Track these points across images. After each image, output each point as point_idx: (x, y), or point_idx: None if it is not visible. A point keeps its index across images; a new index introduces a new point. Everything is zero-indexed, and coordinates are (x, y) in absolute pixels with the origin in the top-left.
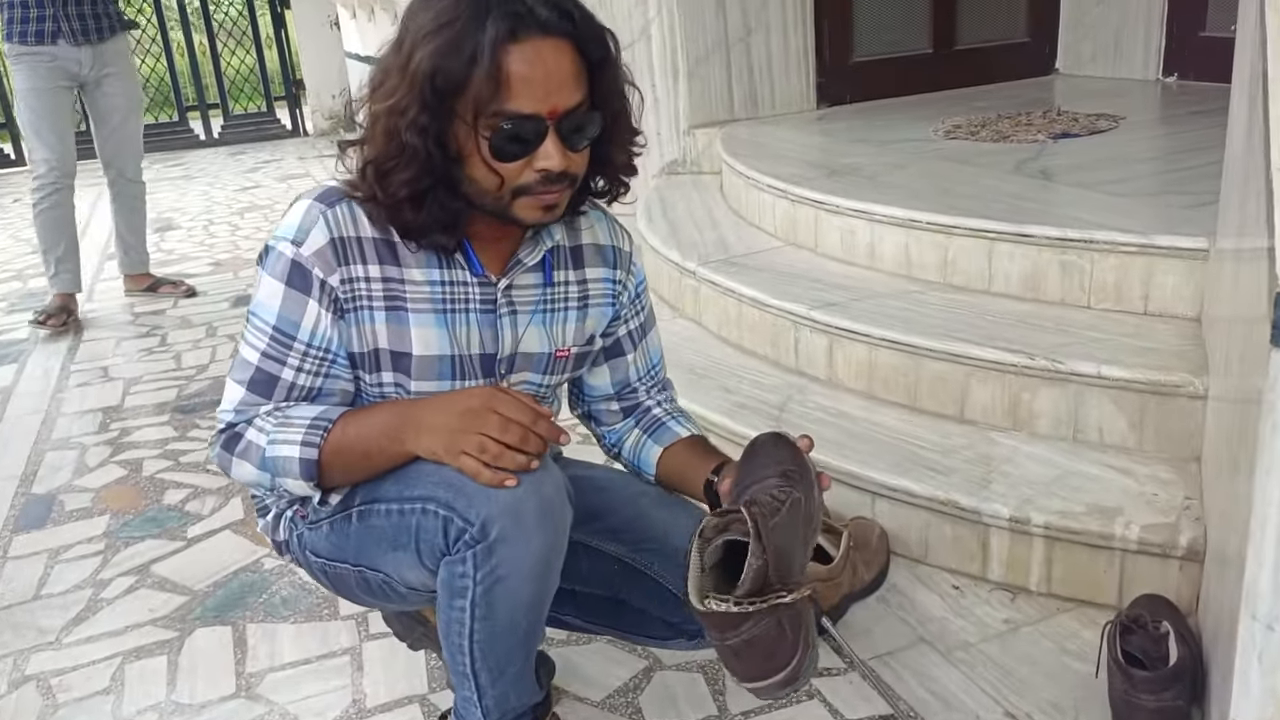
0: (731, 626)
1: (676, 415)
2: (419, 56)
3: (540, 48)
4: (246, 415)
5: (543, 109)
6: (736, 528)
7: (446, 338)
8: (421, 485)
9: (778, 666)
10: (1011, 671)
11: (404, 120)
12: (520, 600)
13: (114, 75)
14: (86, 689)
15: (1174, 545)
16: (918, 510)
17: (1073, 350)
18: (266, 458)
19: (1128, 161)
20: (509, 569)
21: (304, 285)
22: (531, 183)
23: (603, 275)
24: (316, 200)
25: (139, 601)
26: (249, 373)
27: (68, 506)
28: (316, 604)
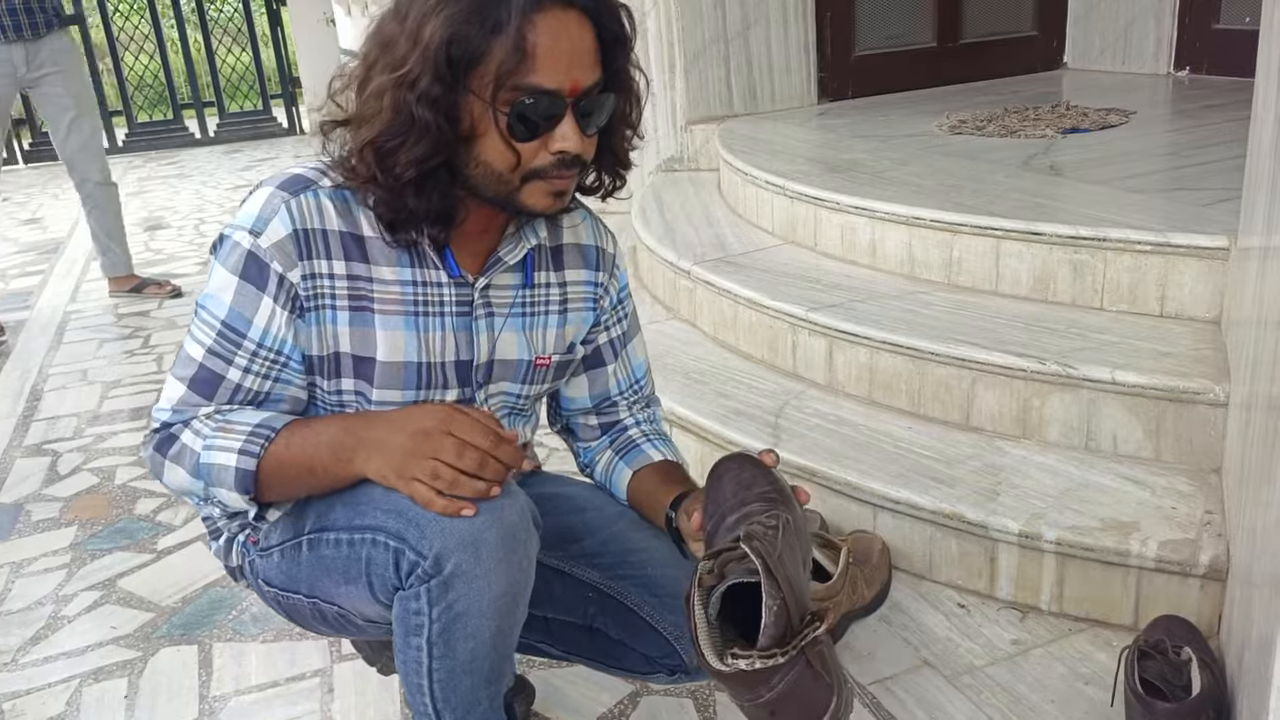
0: (763, 683)
1: (653, 437)
2: (433, 23)
3: (565, 20)
4: (184, 415)
5: (564, 85)
6: (734, 568)
7: (415, 343)
8: (371, 514)
9: (818, 712)
10: (1021, 698)
11: (414, 92)
12: (482, 638)
13: (55, 74)
14: (40, 714)
15: (1194, 563)
16: (921, 524)
17: (1085, 354)
18: (201, 464)
19: (1140, 157)
20: (467, 605)
21: (260, 279)
22: (546, 165)
23: (584, 278)
24: (279, 188)
25: (102, 619)
26: (192, 369)
27: (34, 517)
28: (285, 623)
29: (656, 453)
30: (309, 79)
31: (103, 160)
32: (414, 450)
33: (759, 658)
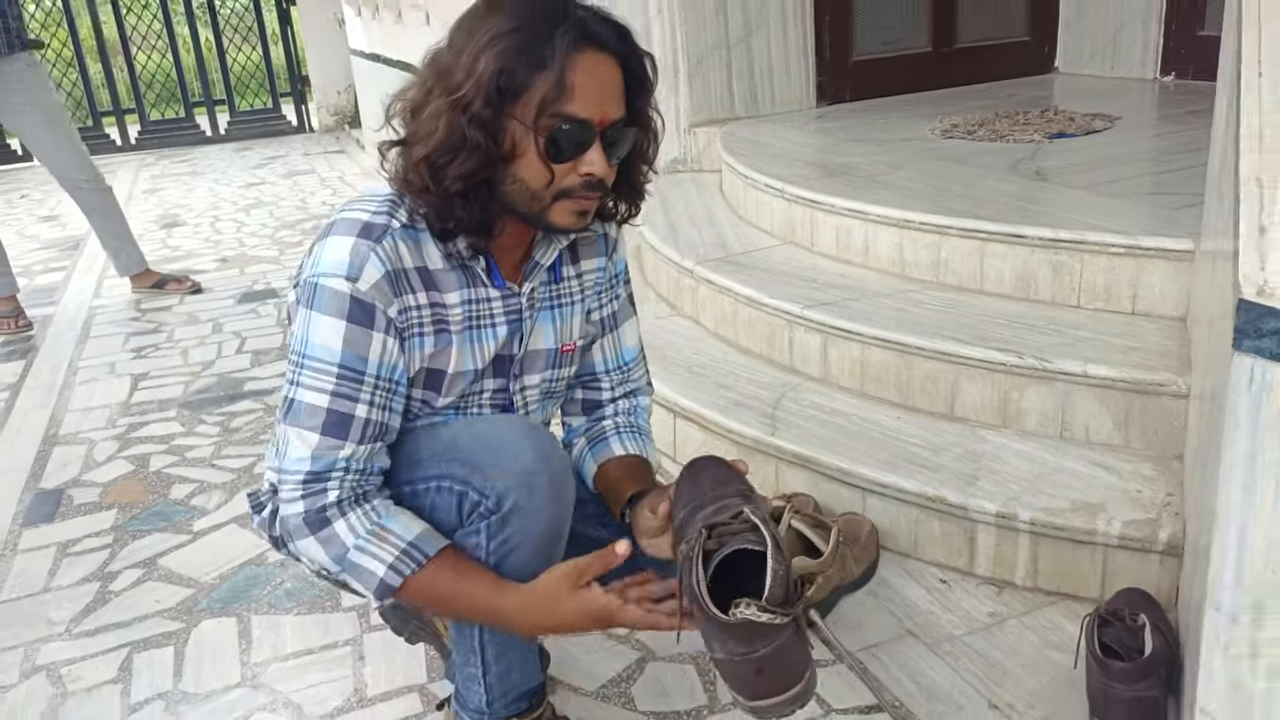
0: (761, 638)
1: (623, 430)
2: (486, 57)
3: (599, 61)
4: (328, 462)
5: (595, 116)
6: (732, 540)
7: (471, 353)
8: (434, 465)
9: (794, 679)
10: (995, 663)
11: (466, 115)
12: (527, 572)
13: (19, 91)
14: (95, 678)
15: (1154, 540)
16: (907, 506)
17: (1061, 349)
18: (348, 559)
19: (1121, 162)
20: (520, 539)
21: (367, 319)
22: (574, 186)
23: (598, 265)
24: (360, 237)
25: (146, 594)
26: (320, 418)
27: (76, 501)
28: (319, 596)
29: (620, 446)
30: (318, 78)
31: (88, 163)
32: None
33: (764, 610)
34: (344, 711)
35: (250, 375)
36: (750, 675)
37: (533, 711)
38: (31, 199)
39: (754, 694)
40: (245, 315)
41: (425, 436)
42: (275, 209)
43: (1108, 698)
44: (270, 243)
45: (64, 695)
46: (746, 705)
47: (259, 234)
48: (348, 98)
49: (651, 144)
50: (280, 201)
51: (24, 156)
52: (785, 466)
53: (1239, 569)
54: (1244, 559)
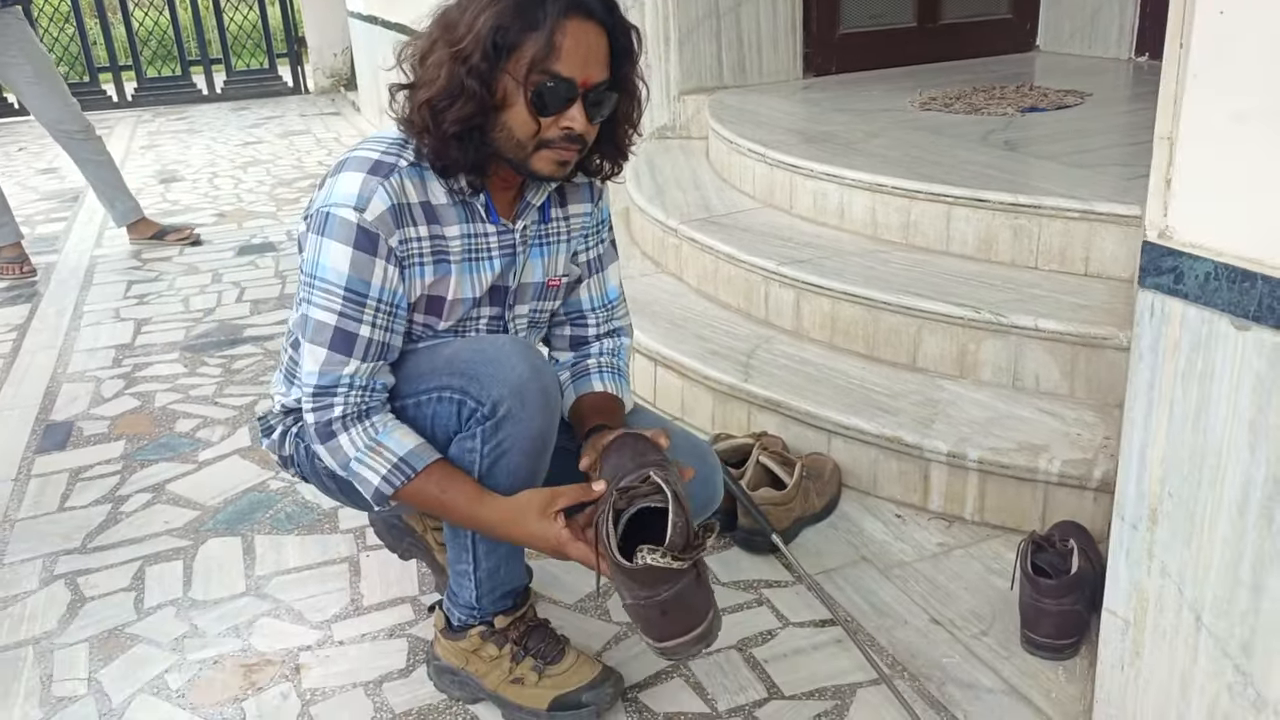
0: (663, 582)
1: (605, 370)
2: (485, 15)
3: (586, 28)
4: (333, 377)
5: (579, 76)
6: (642, 500)
7: (469, 282)
8: (434, 378)
9: (698, 620)
10: (940, 586)
11: (465, 66)
12: (519, 475)
13: (12, 44)
14: (110, 586)
15: (1090, 478)
16: (868, 447)
17: (1016, 305)
18: (350, 468)
19: (1087, 135)
20: (511, 444)
21: (371, 247)
22: (555, 138)
23: (585, 210)
24: (370, 173)
25: (155, 515)
26: (328, 334)
27: (85, 432)
28: (318, 520)
29: (600, 384)
30: (315, 39)
31: (78, 114)
32: None
33: (667, 555)
34: (342, 618)
35: (250, 322)
36: (656, 617)
37: (517, 610)
38: (30, 151)
39: (660, 635)
40: (244, 266)
41: (428, 354)
42: (272, 167)
43: (1037, 611)
44: (267, 199)
45: (81, 600)
46: (656, 647)
47: (256, 190)
48: (344, 60)
49: (635, 108)
50: (277, 160)
51: (20, 110)
52: (757, 411)
53: (1139, 482)
54: (1143, 474)
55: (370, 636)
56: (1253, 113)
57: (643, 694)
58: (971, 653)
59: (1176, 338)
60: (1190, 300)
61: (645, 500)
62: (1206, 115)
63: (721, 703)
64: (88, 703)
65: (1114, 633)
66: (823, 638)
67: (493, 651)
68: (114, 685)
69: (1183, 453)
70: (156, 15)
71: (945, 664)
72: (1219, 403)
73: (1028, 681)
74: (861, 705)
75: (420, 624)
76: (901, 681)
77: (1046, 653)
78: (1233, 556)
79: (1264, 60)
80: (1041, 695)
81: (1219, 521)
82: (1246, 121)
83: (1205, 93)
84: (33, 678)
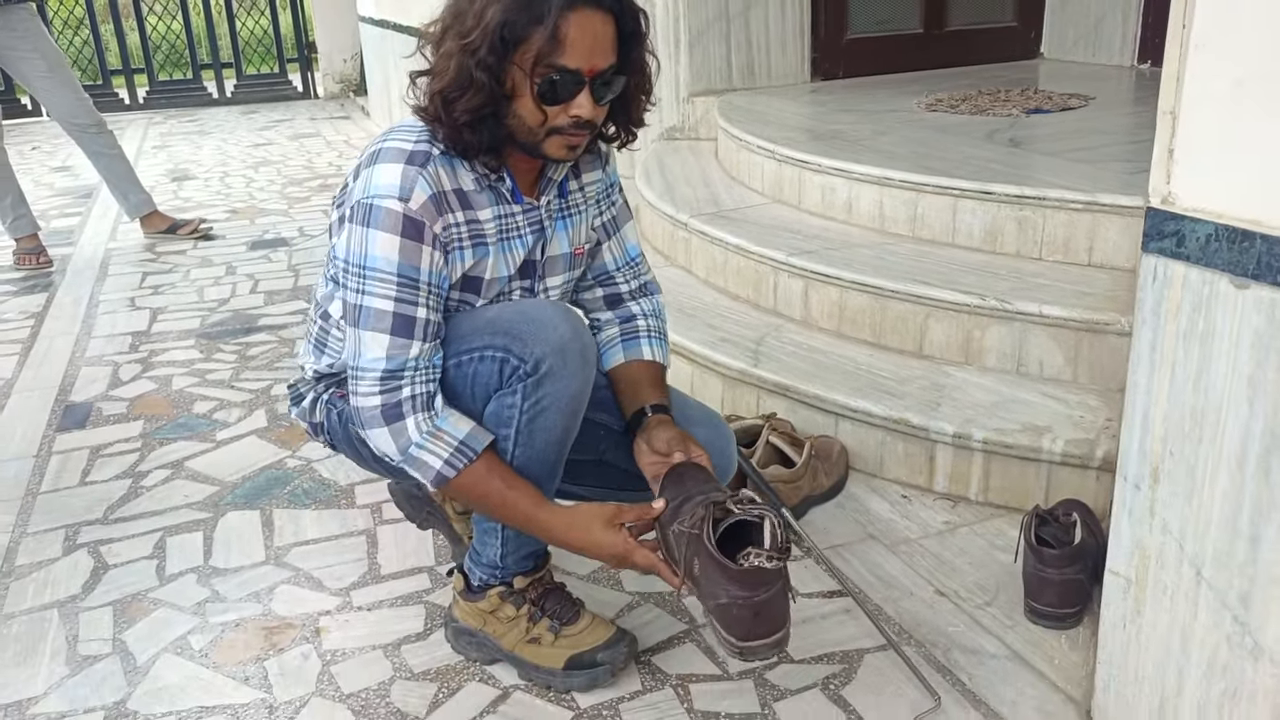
0: (763, 583)
1: (653, 334)
2: (493, 9)
3: (591, 18)
4: (400, 361)
5: (584, 66)
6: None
7: (504, 261)
8: (476, 338)
9: (781, 624)
10: (945, 561)
11: (474, 59)
12: (555, 433)
13: (25, 39)
14: (132, 554)
15: (1092, 457)
16: (875, 429)
17: (1021, 293)
18: (410, 454)
19: (1091, 134)
20: (551, 401)
21: (417, 235)
22: (564, 125)
23: (598, 177)
24: (408, 164)
25: (175, 489)
26: (388, 320)
27: (105, 413)
28: (335, 495)
29: (648, 352)
30: (325, 44)
31: (90, 108)
32: None
33: (771, 557)
34: (360, 586)
35: (264, 312)
36: (749, 618)
37: (537, 571)
38: (43, 150)
39: (746, 634)
40: (257, 260)
41: (468, 318)
42: (282, 167)
43: (1040, 581)
44: (279, 197)
45: (104, 568)
46: (737, 646)
47: (267, 189)
48: (353, 65)
49: (646, 82)
50: (287, 161)
51: (34, 111)
52: (766, 395)
53: (1142, 443)
54: (1146, 434)
55: (388, 603)
56: (1251, 78)
57: (655, 657)
58: (976, 622)
59: (1178, 300)
60: (1192, 262)
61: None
62: (1208, 84)
63: (732, 666)
64: (113, 661)
65: (1116, 592)
66: (830, 607)
67: (510, 612)
68: (138, 645)
69: (1184, 411)
70: (170, 20)
71: (950, 632)
72: (1219, 360)
73: (1031, 649)
74: (869, 669)
75: (437, 591)
76: (908, 648)
77: (1050, 621)
78: (1232, 510)
79: (1260, 29)
80: (1045, 661)
81: (1219, 476)
82: (1245, 87)
83: (1206, 62)
84: (58, 638)
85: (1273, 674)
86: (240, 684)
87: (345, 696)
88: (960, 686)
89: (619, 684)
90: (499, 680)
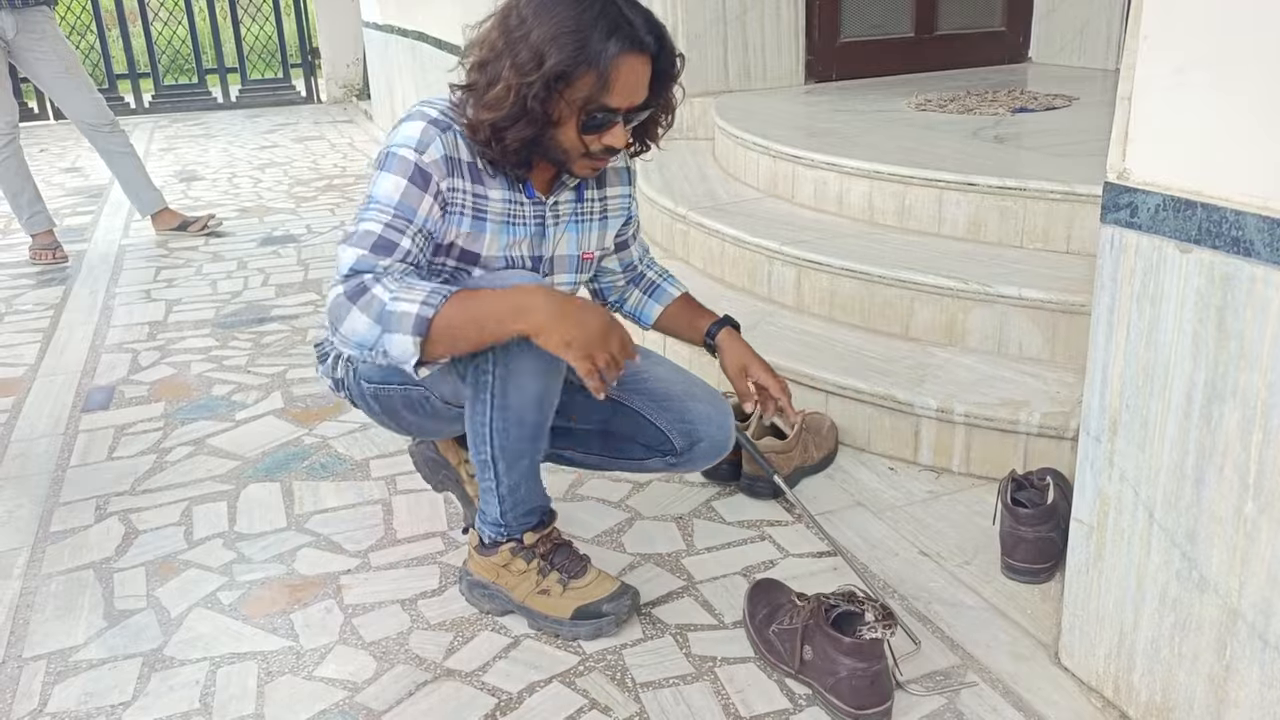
0: (877, 655)
1: (665, 277)
2: (552, 52)
3: (636, 63)
4: (368, 265)
5: (624, 105)
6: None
7: (503, 242)
8: None
9: (890, 692)
10: (928, 525)
11: (530, 92)
12: (528, 394)
13: (38, 39)
14: (161, 521)
15: (1066, 429)
16: (863, 405)
17: (1002, 277)
18: (386, 310)
19: (1072, 132)
20: (520, 364)
21: (423, 184)
22: (596, 151)
23: (621, 192)
24: (431, 124)
25: (198, 464)
26: (372, 239)
27: (127, 395)
28: (351, 469)
29: (674, 289)
30: (328, 50)
31: (104, 108)
32: (597, 341)
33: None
34: (377, 549)
35: (276, 303)
36: (865, 688)
37: (544, 528)
38: (51, 152)
39: (863, 705)
40: (268, 255)
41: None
42: (289, 168)
43: (1016, 539)
44: (286, 197)
45: (135, 533)
46: (854, 715)
47: (275, 189)
48: (356, 71)
49: (669, 113)
50: (293, 162)
51: (40, 114)
52: None
53: (1102, 398)
54: (1105, 390)
55: (404, 564)
56: (1190, 65)
57: (656, 609)
58: (956, 579)
59: (1132, 265)
60: (1143, 230)
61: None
62: (1155, 71)
63: (728, 617)
64: (148, 614)
65: (1080, 539)
66: (819, 566)
67: (521, 566)
68: (171, 600)
69: (1137, 367)
70: (175, 26)
71: (931, 587)
72: (1167, 319)
73: (1006, 601)
74: None
75: (450, 553)
76: (892, 601)
77: (1024, 576)
78: (1179, 456)
79: (1195, 21)
80: (1019, 612)
81: (1167, 425)
82: (1185, 74)
83: (1154, 52)
84: (95, 594)
85: (1216, 604)
86: (269, 634)
87: (367, 644)
88: (940, 634)
89: (622, 633)
90: (510, 629)
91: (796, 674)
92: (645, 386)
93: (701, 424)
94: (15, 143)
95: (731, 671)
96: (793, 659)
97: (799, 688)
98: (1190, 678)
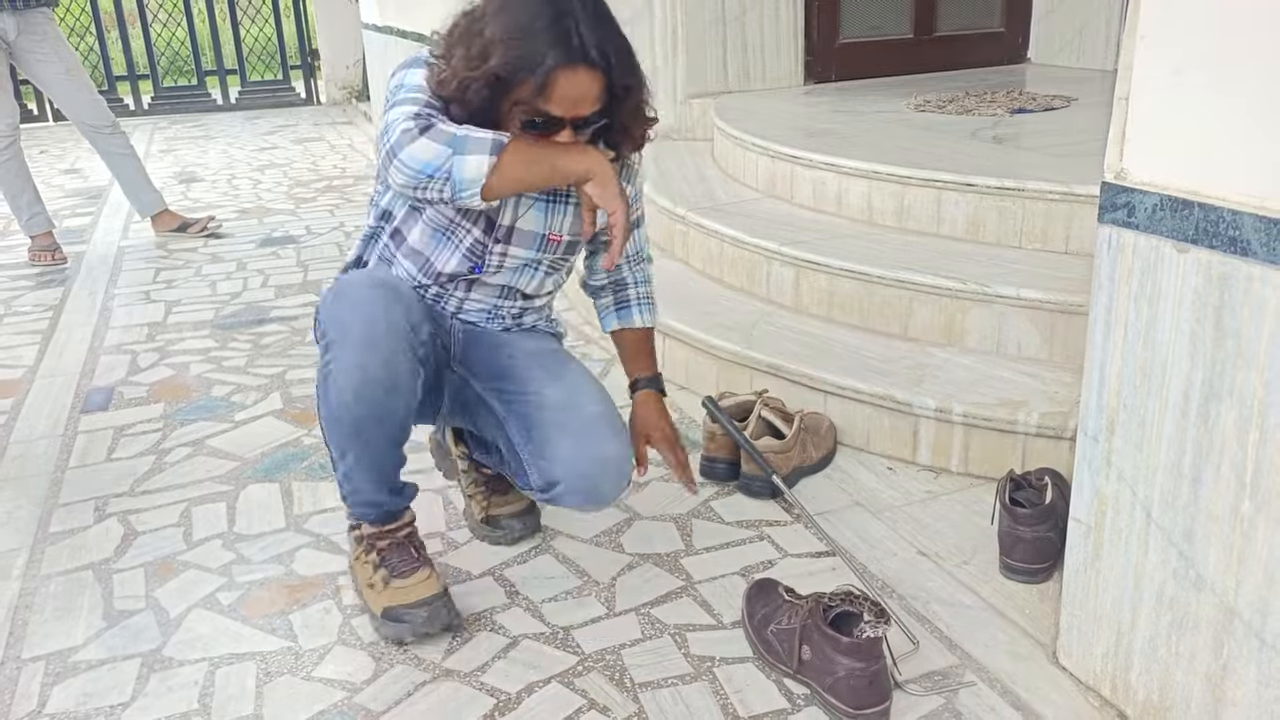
0: (875, 654)
1: (643, 301)
2: (497, 51)
3: (579, 75)
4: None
5: (566, 113)
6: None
7: None
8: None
9: (888, 692)
10: (927, 525)
11: (473, 85)
12: (344, 396)
13: (39, 40)
14: (160, 522)
15: (1065, 428)
16: (862, 405)
17: (1001, 278)
18: (458, 136)
19: (1071, 132)
20: (335, 367)
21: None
22: None
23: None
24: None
25: (198, 465)
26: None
27: (126, 396)
28: None
29: (641, 320)
30: (328, 51)
31: (105, 110)
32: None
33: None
34: None
35: (276, 304)
36: (864, 688)
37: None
38: (50, 154)
39: (861, 704)
40: (267, 256)
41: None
42: (288, 170)
43: (1014, 539)
44: (286, 198)
45: (134, 534)
46: (852, 714)
47: (274, 190)
48: (356, 72)
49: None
50: (293, 163)
51: (40, 116)
52: (759, 375)
53: (1099, 398)
54: (1103, 389)
55: None
56: (1188, 65)
57: (654, 610)
58: (954, 578)
59: (1130, 265)
60: (1140, 230)
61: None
62: (1153, 71)
63: (726, 617)
64: (147, 615)
65: (1078, 539)
66: (818, 566)
67: (361, 554)
68: (170, 601)
69: (1135, 367)
70: (174, 28)
71: (930, 587)
72: (1164, 318)
73: (1005, 600)
74: None
75: (449, 554)
76: (890, 600)
77: (1022, 576)
78: (1176, 455)
79: (1193, 21)
80: (1017, 611)
81: (1165, 425)
82: (1183, 73)
83: (1151, 52)
84: (95, 595)
85: (1213, 603)
86: (267, 634)
87: (366, 645)
88: (938, 633)
89: (620, 632)
90: (509, 630)
91: (795, 674)
92: (524, 408)
93: (560, 464)
94: (16, 144)
95: (730, 671)
96: (791, 659)
97: (797, 688)
98: (1187, 677)
